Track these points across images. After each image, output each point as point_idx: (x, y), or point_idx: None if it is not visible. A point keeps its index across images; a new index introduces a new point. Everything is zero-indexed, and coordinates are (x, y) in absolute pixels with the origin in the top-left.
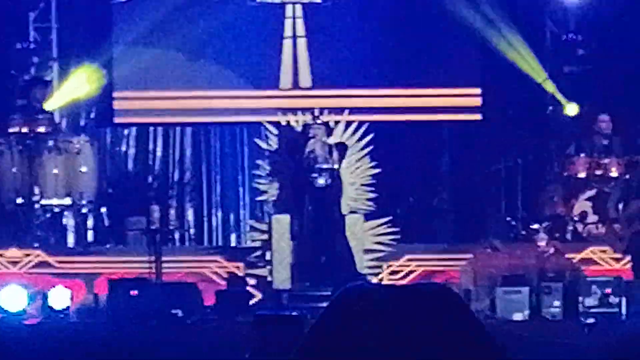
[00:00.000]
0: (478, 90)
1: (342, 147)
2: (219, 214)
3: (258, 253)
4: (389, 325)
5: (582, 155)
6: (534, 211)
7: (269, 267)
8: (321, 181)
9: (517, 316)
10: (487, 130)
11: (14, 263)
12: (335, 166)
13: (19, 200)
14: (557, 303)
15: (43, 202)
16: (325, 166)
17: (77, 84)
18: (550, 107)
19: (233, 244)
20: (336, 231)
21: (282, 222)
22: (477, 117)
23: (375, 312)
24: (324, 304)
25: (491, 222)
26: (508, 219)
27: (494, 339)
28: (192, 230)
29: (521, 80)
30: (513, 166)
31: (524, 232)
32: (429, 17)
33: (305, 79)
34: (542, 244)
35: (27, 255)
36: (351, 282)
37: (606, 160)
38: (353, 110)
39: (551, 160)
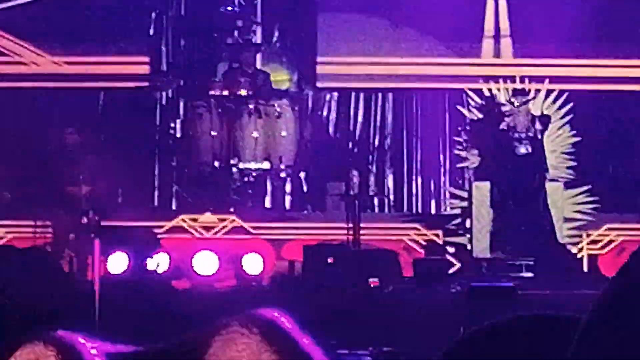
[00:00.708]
0: None
1: (545, 119)
2: (419, 180)
3: (457, 221)
4: None
5: None
6: None
7: (468, 235)
8: (522, 150)
9: None
10: None
11: (208, 228)
12: (538, 136)
13: (217, 164)
14: None
15: (241, 165)
16: (526, 134)
17: (281, 49)
18: None
19: (432, 211)
20: (536, 200)
21: (482, 190)
22: None
23: None
24: (524, 274)
25: None
26: None
27: None
28: (391, 197)
29: None
30: None
31: None
32: None
33: (507, 46)
34: None
35: (222, 220)
36: None
37: None
38: (554, 79)
39: None
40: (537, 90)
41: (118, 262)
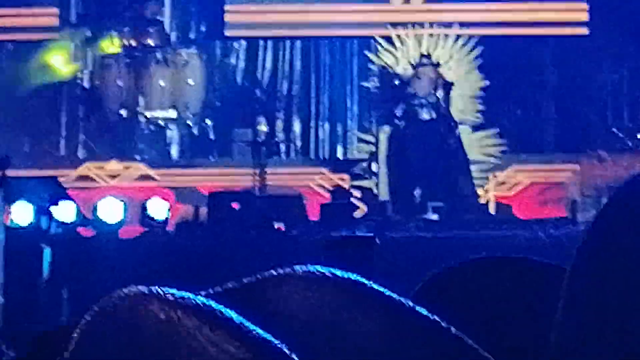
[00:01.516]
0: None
1: (447, 86)
2: (326, 126)
3: (364, 165)
4: None
5: None
6: None
7: (375, 179)
8: (425, 115)
9: None
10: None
11: (114, 176)
12: (442, 103)
13: (123, 112)
14: None
15: (147, 114)
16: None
17: None
18: None
19: (340, 156)
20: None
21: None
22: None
23: None
24: (430, 216)
25: (598, 133)
26: (614, 129)
27: None
28: (298, 143)
29: None
30: (619, 78)
31: (630, 143)
32: None
33: None
34: None
35: (128, 168)
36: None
37: None
38: (463, 24)
39: None
40: (446, 36)
41: (23, 212)
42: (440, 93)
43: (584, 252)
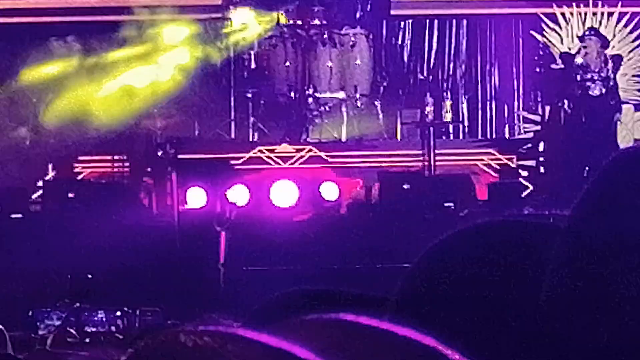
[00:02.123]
0: None
1: (617, 59)
2: (493, 105)
3: (530, 145)
4: None
5: None
6: None
7: (541, 158)
8: (596, 91)
9: None
10: None
11: (286, 159)
12: (610, 76)
13: (292, 94)
14: None
15: (317, 95)
16: (599, 75)
17: None
18: None
19: (506, 136)
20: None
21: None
22: None
23: None
24: None
25: None
26: None
27: None
28: (465, 123)
29: None
30: None
31: None
32: None
33: None
34: None
35: (299, 150)
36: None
37: None
38: (626, 3)
39: None
40: (610, 14)
41: (196, 196)
42: (610, 67)
43: (578, 212)
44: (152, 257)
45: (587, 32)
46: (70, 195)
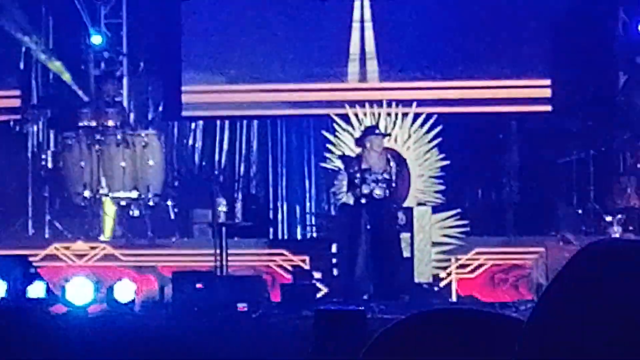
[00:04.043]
0: (548, 82)
1: (400, 159)
2: (285, 206)
3: (323, 246)
4: None
5: None
6: (606, 203)
7: (334, 259)
8: (378, 192)
9: None
10: (558, 121)
11: (80, 256)
12: (393, 177)
13: (87, 194)
14: None
15: (110, 195)
16: (382, 175)
17: (146, 79)
18: (622, 97)
19: (299, 237)
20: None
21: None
22: (547, 108)
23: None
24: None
25: (563, 215)
26: (580, 211)
27: None
28: (257, 224)
29: (591, 71)
30: (584, 158)
31: (596, 225)
32: (499, 7)
33: (373, 71)
34: (616, 236)
35: (93, 248)
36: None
37: None
38: (421, 102)
39: (624, 151)
40: (405, 114)
41: None
42: (392, 167)
43: (539, 311)
44: None
45: (367, 130)
46: None
